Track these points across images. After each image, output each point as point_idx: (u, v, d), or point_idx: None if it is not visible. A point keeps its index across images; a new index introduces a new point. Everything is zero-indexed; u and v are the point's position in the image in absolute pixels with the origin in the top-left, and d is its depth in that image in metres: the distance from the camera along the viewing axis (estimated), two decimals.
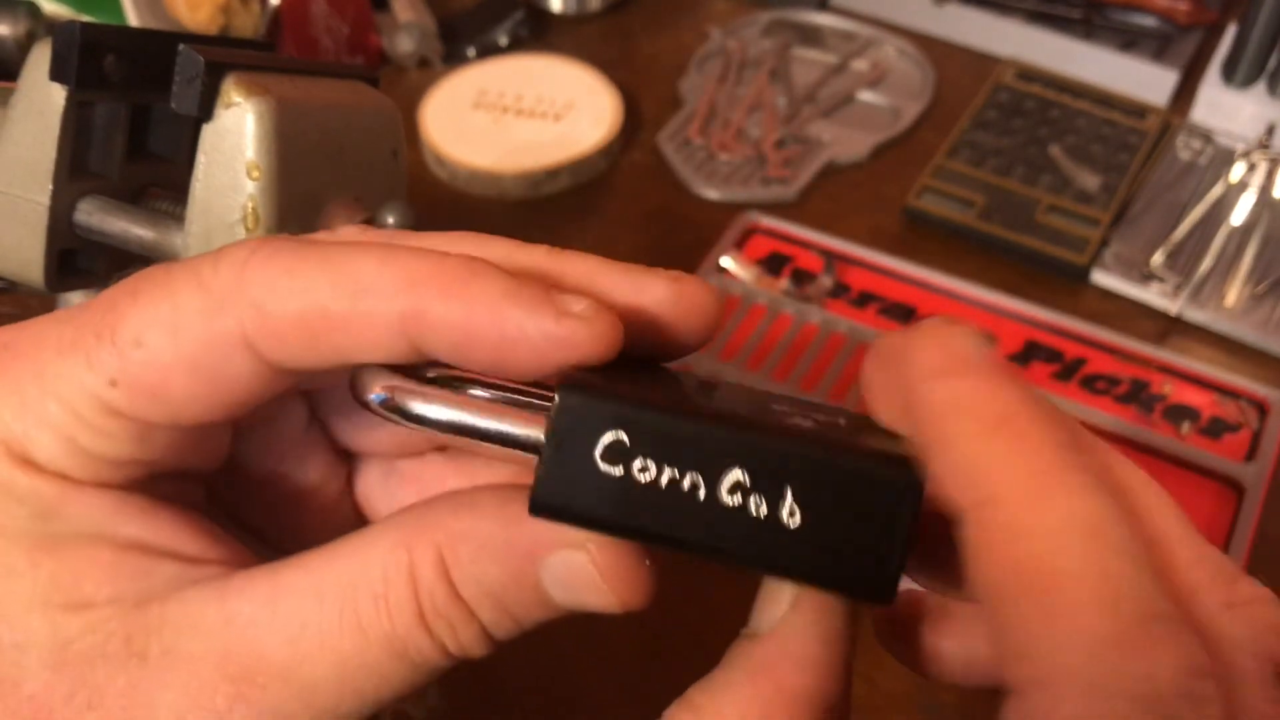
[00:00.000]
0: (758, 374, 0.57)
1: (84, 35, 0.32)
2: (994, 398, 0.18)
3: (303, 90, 0.35)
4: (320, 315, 0.20)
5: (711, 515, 0.19)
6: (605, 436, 0.19)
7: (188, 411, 0.21)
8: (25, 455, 0.20)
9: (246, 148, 0.33)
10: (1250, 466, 0.53)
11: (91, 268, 0.38)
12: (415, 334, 0.20)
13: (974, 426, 0.18)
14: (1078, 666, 0.16)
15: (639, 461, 0.19)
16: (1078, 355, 0.58)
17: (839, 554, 0.19)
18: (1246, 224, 0.65)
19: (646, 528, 0.19)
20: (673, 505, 0.19)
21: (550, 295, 0.20)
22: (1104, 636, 0.16)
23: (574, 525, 0.20)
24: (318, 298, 0.20)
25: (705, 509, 0.19)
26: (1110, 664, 0.16)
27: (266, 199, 0.33)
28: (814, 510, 0.19)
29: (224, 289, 0.20)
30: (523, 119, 0.72)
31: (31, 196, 0.35)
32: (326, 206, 0.35)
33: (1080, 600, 0.16)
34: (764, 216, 0.66)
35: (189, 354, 0.20)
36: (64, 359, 0.20)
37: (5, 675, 0.19)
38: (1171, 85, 0.75)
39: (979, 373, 0.19)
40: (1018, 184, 0.68)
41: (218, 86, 0.33)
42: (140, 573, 0.20)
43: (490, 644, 0.21)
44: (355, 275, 0.20)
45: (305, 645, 0.20)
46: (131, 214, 0.36)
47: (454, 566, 0.20)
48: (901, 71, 0.79)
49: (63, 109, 0.34)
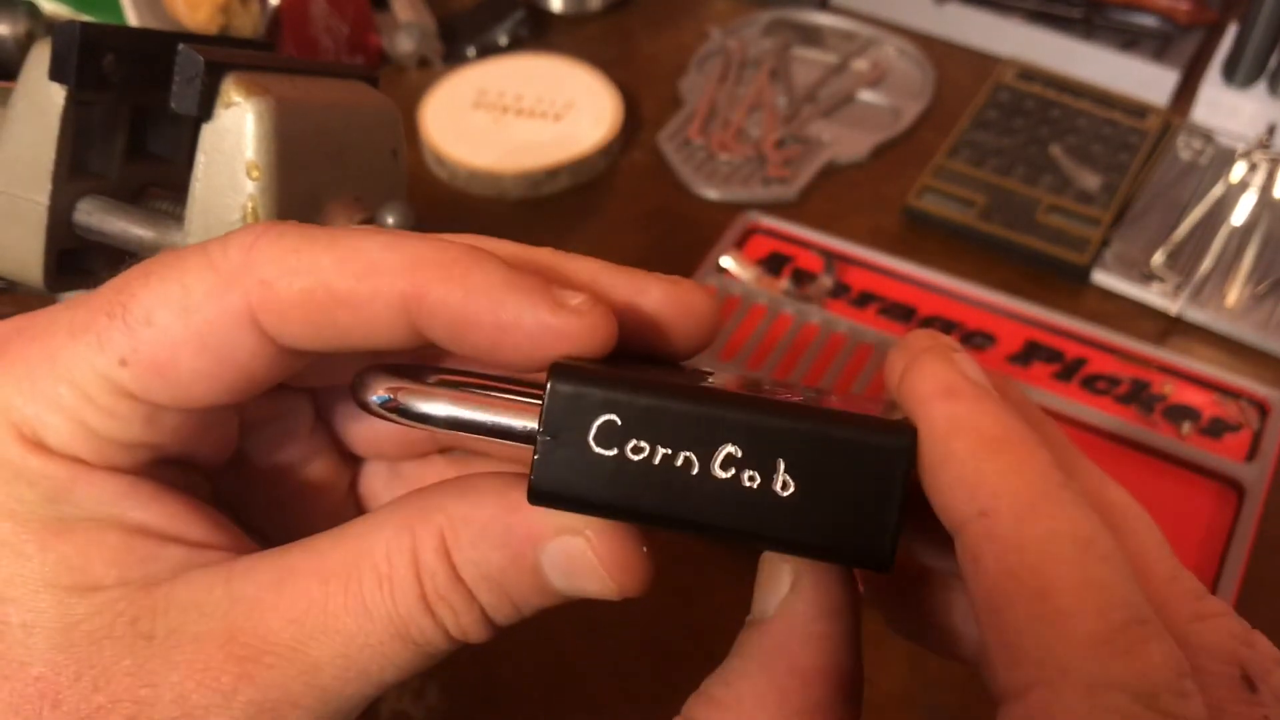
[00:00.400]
0: (757, 374, 0.57)
1: (84, 35, 0.32)
2: (991, 420, 0.19)
3: (302, 90, 0.35)
4: (325, 292, 0.20)
5: (706, 491, 0.19)
6: (598, 420, 0.19)
7: (196, 391, 0.21)
8: (37, 438, 0.20)
9: (246, 147, 0.33)
10: (1251, 467, 0.53)
11: (91, 267, 0.38)
12: (416, 315, 0.20)
13: (972, 445, 0.19)
14: (1074, 666, 0.17)
15: (632, 443, 0.19)
16: (1078, 355, 0.58)
17: (835, 522, 0.19)
18: (1247, 224, 0.64)
19: (642, 507, 0.20)
20: (667, 484, 0.19)
21: (549, 287, 0.20)
22: (1097, 638, 0.17)
23: (571, 510, 0.20)
24: (323, 275, 0.20)
25: (699, 485, 0.19)
26: (1104, 662, 0.17)
27: (266, 199, 0.33)
28: (807, 479, 0.19)
29: (232, 268, 0.20)
30: (523, 119, 0.72)
31: (31, 196, 0.35)
32: (326, 206, 0.35)
33: (1073, 605, 0.17)
34: (764, 216, 0.66)
35: (197, 331, 0.20)
36: (76, 341, 0.21)
37: (13, 656, 0.20)
38: (1172, 85, 0.75)
39: (976, 396, 0.20)
40: (1018, 184, 0.68)
41: (217, 86, 0.33)
42: (148, 556, 0.21)
43: (491, 629, 0.21)
44: (361, 255, 0.20)
45: (310, 625, 0.20)
46: (131, 214, 0.36)
47: (455, 550, 0.20)
48: (902, 71, 0.79)
49: (62, 109, 0.34)
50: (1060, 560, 0.18)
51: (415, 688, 0.45)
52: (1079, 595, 0.17)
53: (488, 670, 0.46)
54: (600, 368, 0.20)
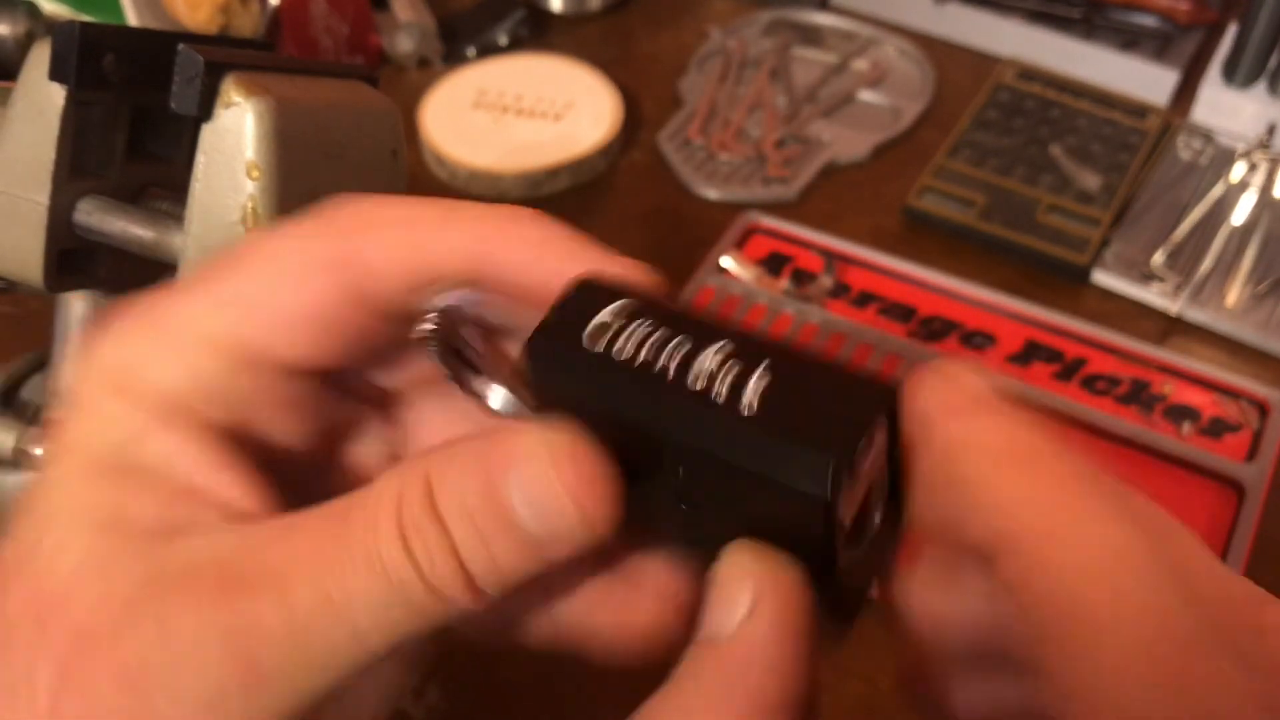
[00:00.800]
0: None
1: (83, 35, 0.32)
2: (1012, 434, 0.19)
3: (302, 90, 0.35)
4: (417, 223, 0.22)
5: (675, 400, 0.20)
6: (598, 317, 0.21)
7: (289, 346, 0.22)
8: (124, 385, 0.21)
9: (246, 147, 0.33)
10: (1251, 466, 0.53)
11: (91, 268, 0.38)
12: (486, 256, 0.22)
13: (995, 463, 0.18)
14: (1131, 699, 0.16)
15: (619, 342, 0.20)
16: (1078, 355, 0.58)
17: (788, 451, 0.19)
18: (1247, 224, 0.65)
19: (611, 406, 0.20)
20: (641, 388, 0.20)
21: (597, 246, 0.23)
22: (1153, 666, 0.16)
23: (550, 390, 0.21)
24: (415, 211, 0.22)
25: (670, 394, 0.20)
26: (1161, 693, 0.16)
27: (266, 199, 0.33)
28: (773, 403, 0.19)
29: (331, 219, 0.22)
30: (523, 119, 0.72)
31: (31, 196, 0.35)
32: None
33: (1125, 634, 0.17)
34: (764, 216, 0.66)
35: (294, 279, 0.22)
36: (183, 296, 0.22)
37: (39, 574, 0.20)
38: (1172, 85, 0.75)
39: (994, 409, 0.19)
40: (1018, 184, 0.68)
41: (217, 86, 0.33)
42: (186, 515, 0.21)
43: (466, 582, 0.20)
44: (455, 212, 0.22)
45: (295, 558, 0.20)
46: (131, 214, 0.36)
47: (438, 489, 0.21)
48: (902, 71, 0.79)
49: (62, 109, 0.34)
50: (1105, 584, 0.17)
51: (415, 687, 0.45)
52: (1130, 622, 0.17)
53: (488, 670, 0.46)
54: (614, 283, 0.22)
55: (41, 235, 0.35)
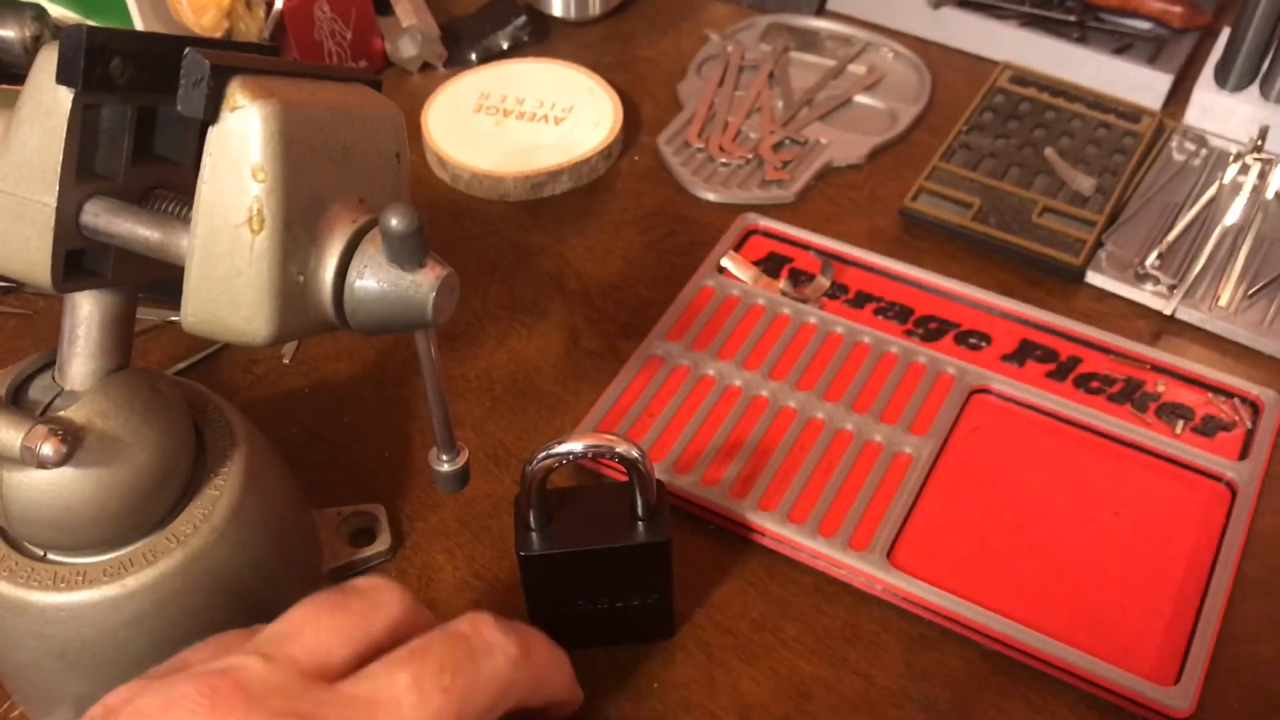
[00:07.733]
0: (755, 373, 0.57)
1: (90, 39, 0.33)
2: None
3: (307, 93, 0.35)
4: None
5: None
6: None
7: None
8: None
9: (252, 150, 0.33)
10: (1244, 465, 0.53)
11: (98, 268, 0.38)
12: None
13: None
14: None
15: None
16: (1072, 354, 0.59)
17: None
18: (1240, 225, 0.65)
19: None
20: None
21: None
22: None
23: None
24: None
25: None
26: None
27: (272, 201, 0.33)
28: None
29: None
30: (524, 122, 0.72)
31: (38, 198, 0.35)
32: (330, 208, 0.36)
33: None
34: (762, 218, 0.66)
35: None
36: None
37: None
38: (1165, 88, 0.75)
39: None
40: (1013, 186, 0.68)
41: (223, 90, 0.33)
42: None
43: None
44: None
45: None
46: (138, 215, 0.36)
47: None
48: (898, 75, 0.79)
49: (69, 112, 0.35)
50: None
51: None
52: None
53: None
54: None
55: (49, 236, 0.36)
